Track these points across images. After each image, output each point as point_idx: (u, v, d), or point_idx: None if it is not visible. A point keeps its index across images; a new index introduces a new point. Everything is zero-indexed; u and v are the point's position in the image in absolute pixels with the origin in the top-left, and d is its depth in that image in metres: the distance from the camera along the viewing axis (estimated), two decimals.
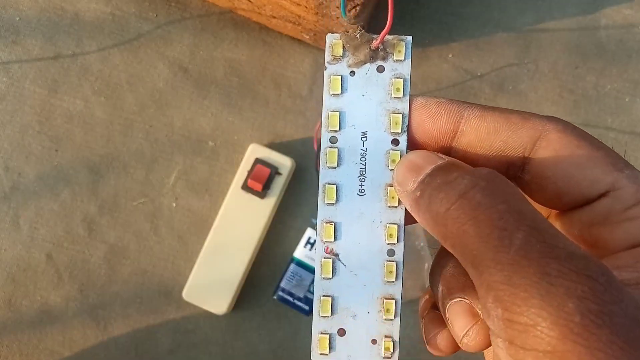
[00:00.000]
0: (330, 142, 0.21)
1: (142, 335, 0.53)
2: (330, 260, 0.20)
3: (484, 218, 0.16)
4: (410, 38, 0.21)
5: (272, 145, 0.53)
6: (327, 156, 0.21)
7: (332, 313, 0.20)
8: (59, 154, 0.54)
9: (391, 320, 0.20)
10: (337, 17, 0.45)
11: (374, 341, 0.20)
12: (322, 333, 0.20)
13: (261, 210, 0.52)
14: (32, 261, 0.53)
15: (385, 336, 0.20)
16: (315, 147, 0.53)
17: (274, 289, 0.51)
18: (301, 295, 0.50)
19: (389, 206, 0.20)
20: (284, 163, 0.52)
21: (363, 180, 0.20)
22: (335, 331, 0.20)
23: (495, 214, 0.16)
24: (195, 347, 0.53)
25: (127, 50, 0.55)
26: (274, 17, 0.51)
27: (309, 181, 0.54)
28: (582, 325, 0.14)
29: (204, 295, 0.51)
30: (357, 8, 0.45)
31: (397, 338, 0.20)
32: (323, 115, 0.21)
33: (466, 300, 0.18)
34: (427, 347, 0.20)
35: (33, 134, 0.54)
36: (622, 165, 0.18)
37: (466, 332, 0.18)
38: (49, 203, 0.54)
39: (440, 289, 0.20)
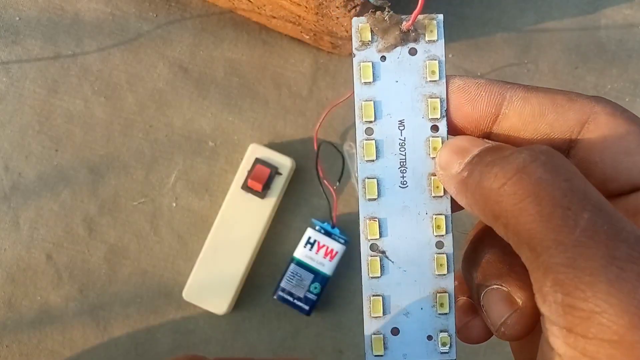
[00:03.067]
0: (365, 134, 0.19)
1: (142, 335, 0.53)
2: (378, 258, 0.19)
3: (546, 195, 0.15)
4: (441, 16, 0.20)
5: (272, 145, 0.53)
6: (364, 149, 0.19)
7: (384, 313, 0.19)
8: (59, 154, 0.54)
9: (446, 314, 0.19)
10: (337, 17, 0.45)
11: (429, 337, 0.19)
12: (375, 334, 0.19)
13: (261, 210, 0.52)
14: (32, 261, 0.53)
15: (441, 331, 0.19)
16: (315, 147, 0.53)
17: (274, 289, 0.51)
18: (301, 295, 0.50)
19: (434, 196, 0.19)
20: (284, 163, 0.52)
21: (404, 171, 0.19)
22: (388, 331, 0.19)
23: (558, 191, 0.15)
24: (195, 347, 0.53)
25: (127, 50, 0.55)
26: (274, 17, 0.51)
27: (309, 181, 0.54)
28: None
29: (204, 295, 0.51)
30: (357, 8, 0.45)
31: (453, 332, 0.19)
32: (356, 106, 0.19)
33: (504, 288, 0.17)
34: (457, 335, 0.20)
35: (33, 134, 0.54)
36: None
37: (504, 321, 0.17)
38: (49, 203, 0.54)
39: (474, 275, 0.19)
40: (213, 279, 0.51)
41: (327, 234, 0.51)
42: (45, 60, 0.55)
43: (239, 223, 0.52)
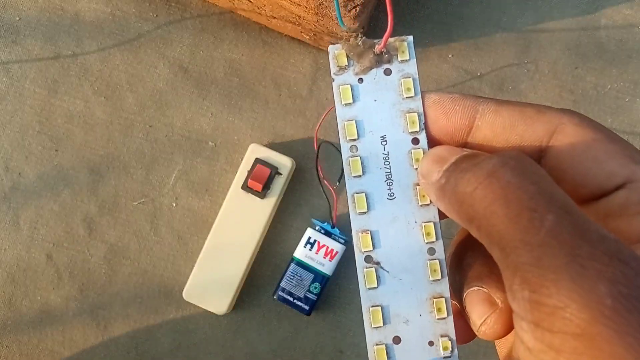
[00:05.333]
0: (350, 151, 0.20)
1: (142, 335, 0.53)
2: (373, 269, 0.20)
3: (514, 198, 0.15)
4: (411, 37, 0.21)
5: (272, 145, 0.53)
6: (350, 166, 0.20)
7: (384, 323, 0.20)
8: (59, 154, 0.54)
9: (444, 318, 0.20)
10: (337, 18, 0.45)
11: (431, 343, 0.20)
12: (377, 344, 0.20)
13: (261, 210, 0.52)
14: (32, 261, 0.53)
15: (441, 336, 0.20)
16: (316, 147, 0.53)
17: (274, 289, 0.51)
18: (301, 295, 0.50)
19: (421, 205, 0.20)
20: (284, 163, 0.52)
21: (390, 184, 0.20)
22: (390, 340, 0.20)
23: (526, 194, 0.15)
24: (195, 347, 0.53)
25: (127, 50, 0.55)
26: (274, 18, 0.51)
27: (309, 181, 0.54)
28: (613, 308, 0.14)
29: (204, 295, 0.51)
30: (357, 9, 0.45)
31: (453, 336, 0.20)
32: (339, 126, 0.20)
33: (484, 289, 0.18)
34: None
35: (33, 134, 0.54)
36: (639, 157, 0.18)
37: (484, 321, 0.18)
38: (49, 203, 0.54)
39: (457, 278, 0.19)
40: (213, 279, 0.51)
41: (327, 234, 0.51)
42: (45, 60, 0.55)
43: (239, 223, 0.52)
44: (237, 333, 0.53)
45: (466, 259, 0.19)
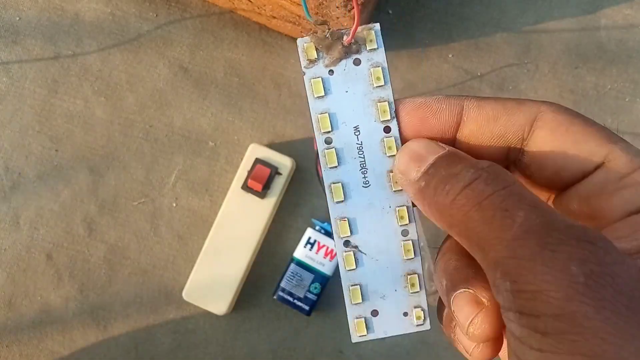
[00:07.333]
0: (325, 143, 0.21)
1: (142, 335, 0.53)
2: (352, 253, 0.21)
3: (488, 203, 0.17)
4: (378, 25, 0.21)
5: (272, 145, 0.53)
6: (326, 158, 0.21)
7: (362, 299, 0.21)
8: (59, 154, 0.54)
9: (417, 292, 0.21)
10: (338, 17, 0.45)
11: (405, 314, 0.21)
12: (357, 318, 0.21)
13: (261, 210, 0.52)
14: (32, 261, 0.53)
15: (415, 307, 0.21)
16: (315, 147, 0.53)
17: (274, 289, 0.51)
18: (301, 295, 0.50)
19: (395, 191, 0.21)
20: (284, 163, 0.52)
21: (365, 172, 0.21)
22: (369, 314, 0.21)
23: (497, 198, 0.17)
24: (195, 347, 0.53)
25: (127, 50, 0.55)
26: (274, 17, 0.51)
27: (309, 181, 0.54)
28: (587, 285, 0.14)
29: (204, 295, 0.51)
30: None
31: (425, 307, 0.21)
32: (313, 119, 0.21)
33: (470, 290, 0.19)
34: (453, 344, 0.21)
35: (33, 134, 0.54)
36: (616, 138, 0.19)
37: (471, 321, 0.18)
38: (49, 203, 0.54)
39: (444, 283, 0.20)
40: (213, 279, 0.51)
41: (327, 234, 0.51)
42: (45, 60, 0.55)
43: (239, 223, 0.52)
44: (237, 333, 0.53)
45: (451, 263, 0.20)
